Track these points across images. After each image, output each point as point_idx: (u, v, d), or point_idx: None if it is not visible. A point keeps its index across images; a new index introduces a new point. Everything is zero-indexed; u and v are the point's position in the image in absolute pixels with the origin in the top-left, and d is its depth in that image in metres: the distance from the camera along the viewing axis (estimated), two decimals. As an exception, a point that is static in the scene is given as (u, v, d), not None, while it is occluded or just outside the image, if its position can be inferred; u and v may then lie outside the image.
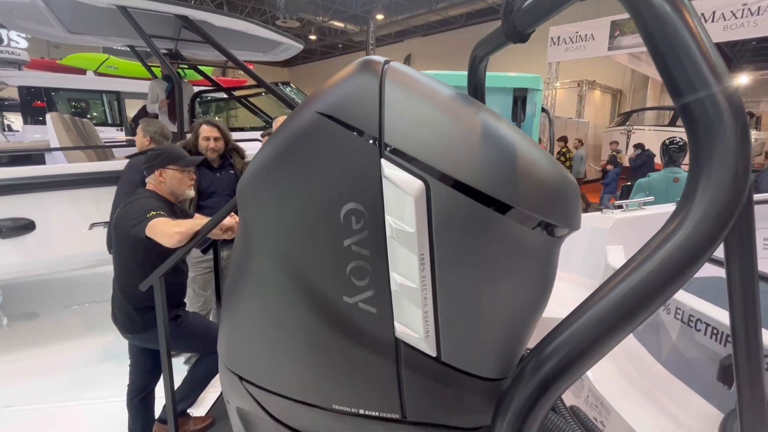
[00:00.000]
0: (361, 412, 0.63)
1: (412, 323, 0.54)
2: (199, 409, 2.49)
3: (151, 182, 2.03)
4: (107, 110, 8.59)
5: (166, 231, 1.68)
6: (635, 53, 12.77)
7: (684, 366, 1.43)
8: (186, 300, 2.25)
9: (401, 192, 0.50)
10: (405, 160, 0.51)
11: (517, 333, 0.62)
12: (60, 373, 3.25)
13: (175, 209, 2.09)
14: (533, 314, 0.62)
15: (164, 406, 2.19)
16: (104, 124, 8.27)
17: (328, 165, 0.54)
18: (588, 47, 11.25)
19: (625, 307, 0.43)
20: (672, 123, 11.72)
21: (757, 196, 2.73)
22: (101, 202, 3.37)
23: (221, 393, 2.56)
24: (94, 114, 8.60)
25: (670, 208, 2.35)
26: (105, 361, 3.29)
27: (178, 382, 2.12)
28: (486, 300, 0.56)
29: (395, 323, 0.55)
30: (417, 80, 0.58)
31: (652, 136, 11.14)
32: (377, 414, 0.62)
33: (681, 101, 0.40)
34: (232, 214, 1.88)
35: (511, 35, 0.70)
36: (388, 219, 0.50)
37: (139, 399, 2.16)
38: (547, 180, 0.54)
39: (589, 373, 1.53)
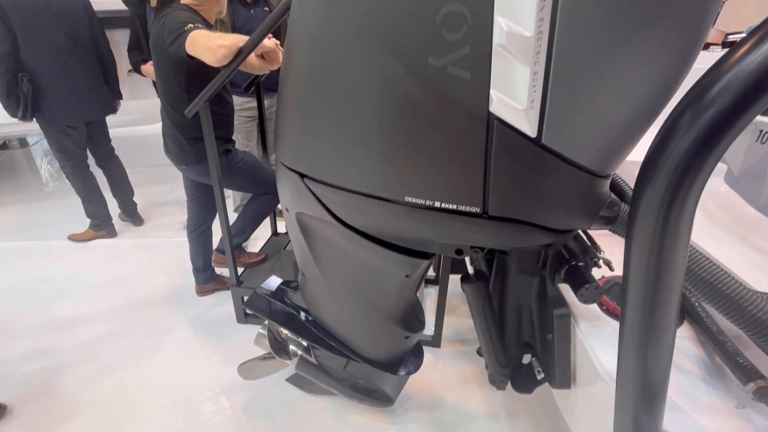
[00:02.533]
0: (437, 204, 0.57)
1: (515, 90, 0.42)
2: (253, 249, 2.64)
3: None
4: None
5: (209, 44, 1.51)
6: None
7: (791, 207, 1.27)
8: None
9: None
10: None
11: (634, 122, 0.51)
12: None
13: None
14: (659, 102, 0.50)
15: (221, 239, 2.31)
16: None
17: None
18: None
19: None
20: None
21: None
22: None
23: (272, 234, 2.71)
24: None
25: None
26: (164, 206, 3.51)
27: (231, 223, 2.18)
28: (614, 65, 0.43)
29: (491, 92, 0.44)
30: None
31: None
32: (455, 207, 0.55)
33: None
34: (270, 36, 1.67)
35: None
36: None
37: (198, 233, 2.28)
38: None
39: None
